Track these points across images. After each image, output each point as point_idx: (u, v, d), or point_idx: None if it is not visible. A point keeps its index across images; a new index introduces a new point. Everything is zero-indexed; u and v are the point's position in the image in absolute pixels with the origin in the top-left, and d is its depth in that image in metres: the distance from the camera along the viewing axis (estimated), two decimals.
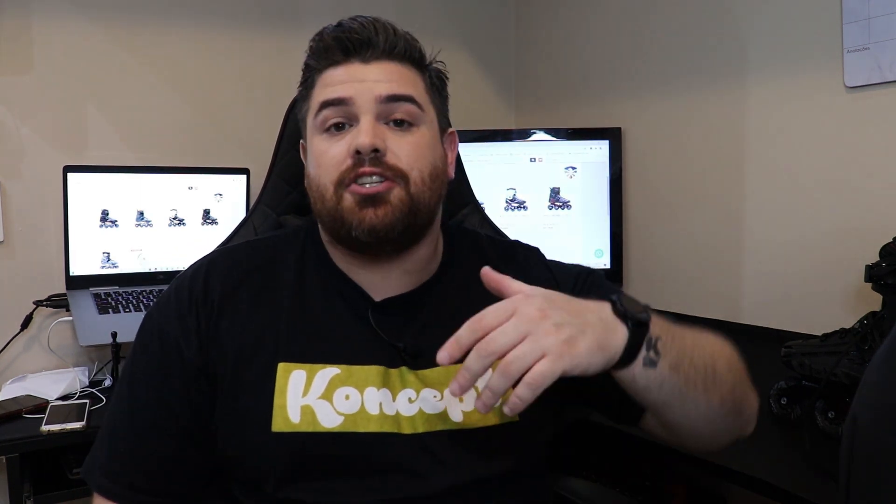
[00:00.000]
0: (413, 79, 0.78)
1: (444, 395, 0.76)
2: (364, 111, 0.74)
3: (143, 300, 1.58)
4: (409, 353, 0.77)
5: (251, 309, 0.78)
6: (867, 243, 1.17)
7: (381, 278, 0.80)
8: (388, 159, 0.73)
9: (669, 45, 1.71)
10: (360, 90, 0.74)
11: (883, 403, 0.55)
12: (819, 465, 1.04)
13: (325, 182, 0.75)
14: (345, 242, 0.78)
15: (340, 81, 0.75)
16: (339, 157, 0.74)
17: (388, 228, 0.73)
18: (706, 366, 0.70)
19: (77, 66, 1.66)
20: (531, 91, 2.19)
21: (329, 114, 0.75)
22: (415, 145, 0.76)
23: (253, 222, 1.06)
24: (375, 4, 1.99)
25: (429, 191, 0.76)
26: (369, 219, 0.73)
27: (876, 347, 1.06)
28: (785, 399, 1.21)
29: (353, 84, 0.75)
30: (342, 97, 0.74)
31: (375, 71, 0.76)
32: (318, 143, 0.77)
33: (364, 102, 0.74)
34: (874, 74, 1.29)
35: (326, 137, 0.76)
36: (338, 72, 0.76)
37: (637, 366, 0.65)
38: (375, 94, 0.74)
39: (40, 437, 1.26)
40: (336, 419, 0.73)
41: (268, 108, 1.81)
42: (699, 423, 0.73)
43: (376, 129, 0.74)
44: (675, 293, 1.71)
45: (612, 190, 1.80)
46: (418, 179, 0.75)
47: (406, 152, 0.75)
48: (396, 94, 0.75)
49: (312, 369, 0.75)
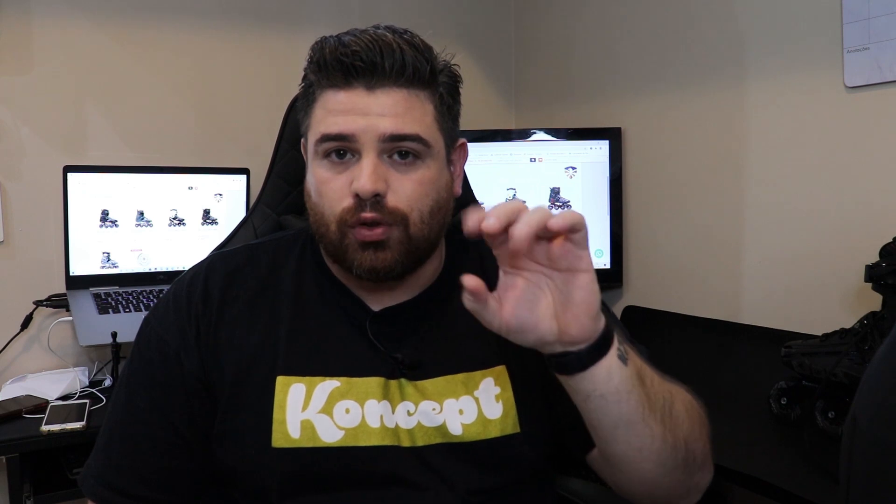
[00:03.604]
0: (421, 107, 0.74)
1: (443, 407, 0.75)
2: (367, 149, 0.71)
3: (143, 300, 1.58)
4: (408, 365, 0.76)
5: (249, 319, 0.77)
6: (867, 243, 1.17)
7: (383, 292, 0.80)
8: (388, 202, 0.72)
9: (669, 45, 1.71)
10: (363, 127, 0.71)
11: (883, 403, 0.55)
12: (819, 465, 1.04)
13: (327, 215, 0.74)
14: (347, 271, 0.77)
15: (342, 111, 0.72)
16: (339, 192, 0.73)
17: (388, 270, 0.73)
18: (665, 398, 0.68)
19: (77, 66, 1.66)
20: (531, 91, 2.19)
21: (331, 146, 0.73)
22: (417, 183, 0.73)
23: (253, 222, 1.06)
24: (375, 5, 1.99)
25: (428, 227, 0.75)
26: (370, 261, 0.73)
27: (876, 347, 1.06)
28: (785, 399, 1.21)
29: (355, 118, 0.71)
30: (344, 133, 0.71)
31: (380, 102, 0.71)
32: (319, 171, 0.75)
33: (367, 140, 0.71)
34: (874, 74, 1.29)
35: (328, 166, 0.74)
36: (339, 97, 0.72)
37: (612, 356, 0.63)
38: (379, 133, 0.71)
39: (40, 437, 1.26)
40: (336, 434, 0.73)
41: (268, 108, 1.81)
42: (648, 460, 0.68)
43: (378, 170, 0.71)
44: (675, 293, 1.71)
45: (612, 190, 1.80)
46: (417, 220, 0.73)
47: (407, 192, 0.73)
48: (401, 133, 0.72)
49: (312, 382, 0.74)
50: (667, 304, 1.73)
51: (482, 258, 0.85)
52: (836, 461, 0.62)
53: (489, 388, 0.78)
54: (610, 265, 1.80)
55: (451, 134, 0.78)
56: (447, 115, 0.77)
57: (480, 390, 0.77)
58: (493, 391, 0.77)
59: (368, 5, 1.98)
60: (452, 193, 0.80)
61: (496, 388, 0.77)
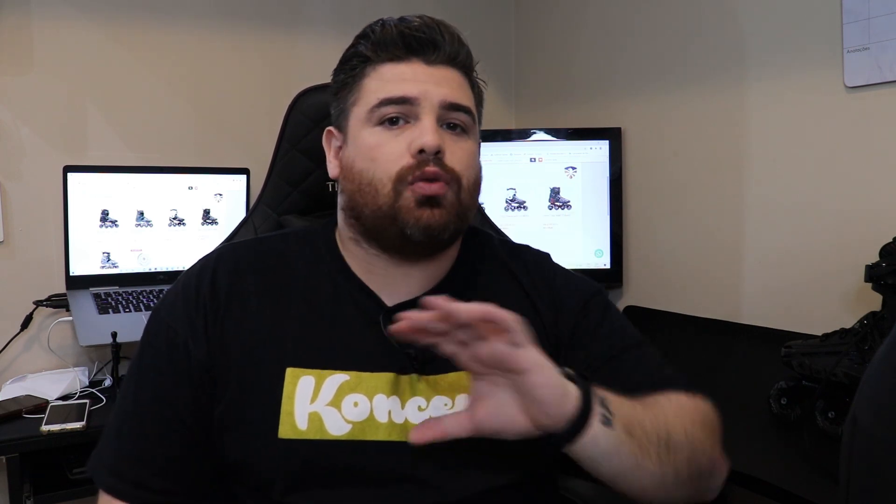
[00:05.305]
0: (468, 90, 0.80)
1: (455, 402, 0.75)
2: (427, 112, 0.75)
3: (143, 300, 1.58)
4: (420, 360, 0.76)
5: (259, 310, 0.77)
6: (867, 243, 1.17)
7: (401, 278, 0.80)
8: (447, 161, 0.75)
9: (670, 45, 1.71)
10: (425, 91, 0.75)
11: (883, 403, 0.55)
12: (819, 465, 1.04)
13: (380, 177, 0.74)
14: (387, 240, 0.77)
15: (404, 79, 0.75)
16: (396, 152, 0.74)
17: (442, 229, 0.74)
18: (659, 436, 0.68)
19: (77, 66, 1.66)
20: (531, 91, 2.19)
21: (390, 110, 0.75)
22: (467, 152, 0.78)
23: (253, 222, 1.06)
24: (375, 6, 1.99)
25: (471, 197, 0.78)
26: (426, 218, 0.73)
27: (876, 347, 1.07)
28: (785, 399, 1.21)
29: (417, 84, 0.75)
30: (408, 96, 0.75)
31: (438, 75, 0.76)
32: (370, 136, 0.76)
33: (429, 104, 0.75)
34: (874, 74, 1.29)
35: (381, 131, 0.75)
36: (400, 68, 0.76)
37: (594, 424, 0.64)
38: (440, 99, 0.75)
39: (40, 437, 1.26)
40: (344, 427, 0.73)
41: (268, 108, 1.81)
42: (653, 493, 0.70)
43: (438, 131, 0.75)
44: (676, 293, 1.71)
45: (612, 190, 1.80)
46: (467, 185, 0.77)
47: (459, 157, 0.76)
48: (459, 103, 0.76)
49: (321, 375, 0.74)
50: (667, 304, 1.73)
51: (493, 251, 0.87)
52: (836, 461, 0.62)
53: None
54: (610, 265, 1.80)
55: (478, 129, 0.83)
56: (478, 110, 0.83)
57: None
58: None
59: (368, 6, 1.98)
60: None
61: None
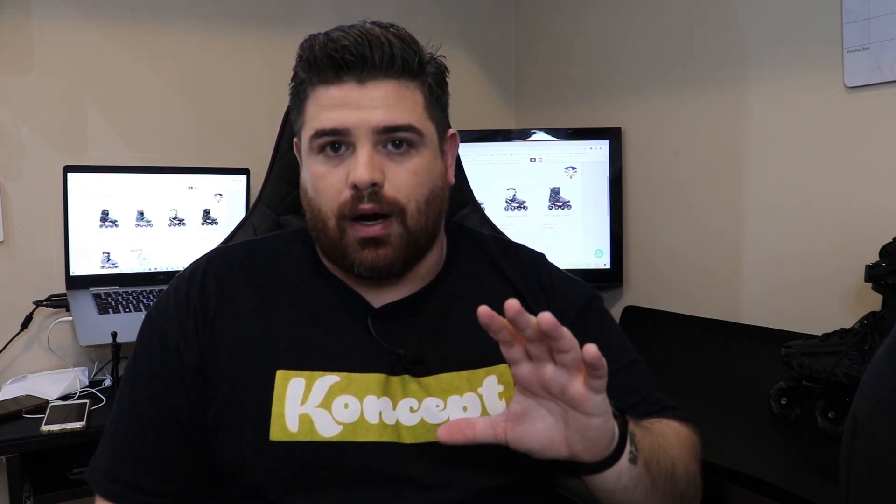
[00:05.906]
0: (411, 97, 0.74)
1: (447, 403, 0.76)
2: (361, 142, 0.72)
3: (143, 300, 1.58)
4: (410, 360, 0.76)
5: (249, 313, 0.78)
6: (867, 243, 1.17)
7: (387, 286, 0.80)
8: (386, 192, 0.72)
9: (669, 45, 1.71)
10: (356, 121, 0.72)
11: (883, 403, 0.55)
12: (819, 465, 1.04)
13: (325, 211, 0.74)
14: (346, 269, 0.77)
15: (335, 106, 0.72)
16: (337, 185, 0.73)
17: (389, 266, 0.74)
18: (667, 471, 0.70)
19: (77, 66, 1.66)
20: (531, 91, 2.19)
21: (325, 140, 0.73)
22: (413, 172, 0.74)
23: (253, 222, 1.06)
24: (375, 4, 1.99)
25: (425, 218, 0.75)
26: (371, 258, 0.73)
27: (876, 347, 1.06)
28: (785, 399, 1.21)
29: (348, 112, 0.72)
30: (338, 128, 0.72)
31: (372, 94, 0.72)
32: (314, 164, 0.75)
33: (361, 133, 0.72)
34: (874, 74, 1.29)
35: (323, 160, 0.74)
36: (331, 93, 0.73)
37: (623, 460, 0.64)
38: (373, 125, 0.72)
39: (40, 437, 1.26)
40: (335, 428, 0.73)
41: (268, 108, 1.81)
42: None
43: (374, 161, 0.72)
44: (676, 293, 1.71)
45: (612, 190, 1.80)
46: (415, 211, 0.74)
47: (404, 182, 0.73)
48: (394, 124, 0.72)
49: (311, 377, 0.74)
50: (667, 304, 1.73)
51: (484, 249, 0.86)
52: (836, 461, 0.62)
53: (492, 385, 0.78)
54: (610, 265, 1.80)
55: (441, 124, 0.80)
56: (436, 105, 0.78)
57: (484, 387, 0.77)
58: (497, 389, 0.77)
59: (368, 6, 1.98)
60: (447, 182, 0.81)
61: (499, 386, 0.78)
